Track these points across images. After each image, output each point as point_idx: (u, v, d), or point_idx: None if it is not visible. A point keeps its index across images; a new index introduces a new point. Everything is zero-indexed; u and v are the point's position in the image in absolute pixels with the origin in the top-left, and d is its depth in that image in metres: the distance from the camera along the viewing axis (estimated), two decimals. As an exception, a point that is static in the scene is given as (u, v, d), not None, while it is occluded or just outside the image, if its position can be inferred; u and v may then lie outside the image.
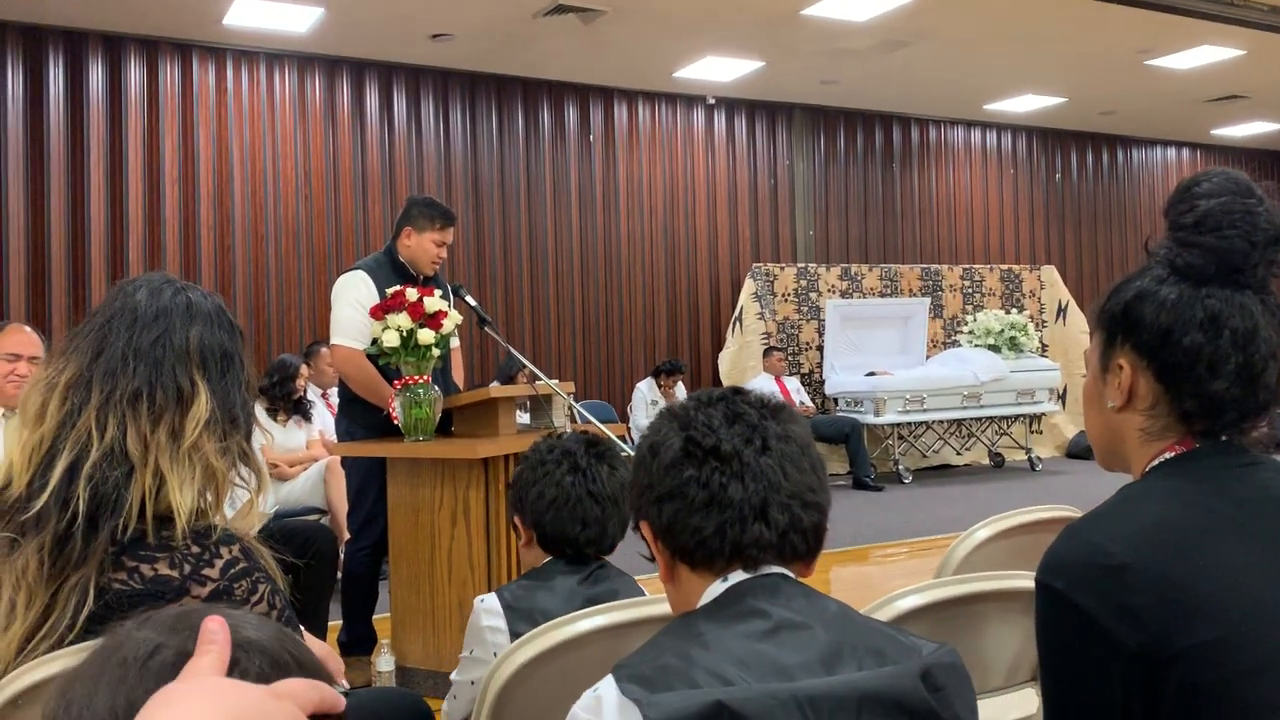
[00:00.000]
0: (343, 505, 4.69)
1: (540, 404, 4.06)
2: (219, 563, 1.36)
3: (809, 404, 9.49)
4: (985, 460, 10.27)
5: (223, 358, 1.46)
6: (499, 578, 3.56)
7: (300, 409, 5.67)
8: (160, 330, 1.43)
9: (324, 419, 5.90)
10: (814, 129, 10.62)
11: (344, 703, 0.66)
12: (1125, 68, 9.40)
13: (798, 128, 10.52)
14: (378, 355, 3.67)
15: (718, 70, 9.15)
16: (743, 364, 9.62)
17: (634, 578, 2.04)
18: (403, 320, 3.57)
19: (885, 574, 6.01)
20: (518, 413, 4.14)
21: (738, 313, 9.72)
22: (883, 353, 9.91)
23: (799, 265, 10.08)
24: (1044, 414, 10.25)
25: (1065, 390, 10.64)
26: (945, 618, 1.61)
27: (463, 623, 3.54)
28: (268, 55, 8.07)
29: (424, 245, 3.97)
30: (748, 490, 1.09)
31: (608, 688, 0.99)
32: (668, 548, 1.14)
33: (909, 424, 9.55)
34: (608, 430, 3.82)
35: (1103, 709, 1.06)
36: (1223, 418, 1.15)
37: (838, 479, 9.29)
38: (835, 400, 9.75)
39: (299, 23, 7.48)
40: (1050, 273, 11.21)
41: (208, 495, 1.39)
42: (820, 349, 9.93)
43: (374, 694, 2.43)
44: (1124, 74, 9.62)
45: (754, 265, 9.87)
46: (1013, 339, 9.92)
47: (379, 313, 3.63)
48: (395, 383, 3.68)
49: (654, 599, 1.60)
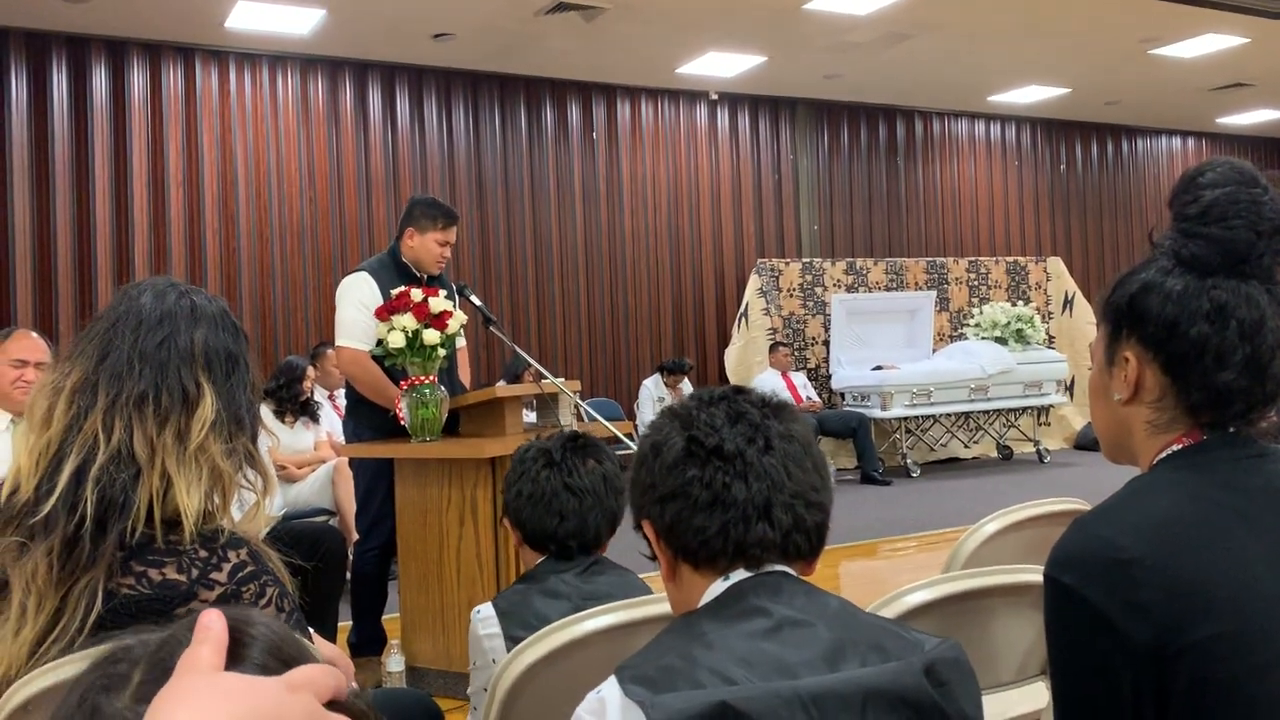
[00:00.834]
0: (351, 506, 4.70)
1: (547, 403, 4.06)
2: (227, 566, 1.36)
3: (816, 399, 9.48)
4: (993, 453, 10.25)
5: (228, 360, 1.47)
6: (507, 576, 3.56)
7: (307, 411, 5.67)
8: (165, 333, 1.43)
9: (331, 420, 5.91)
10: (817, 123, 10.60)
11: (347, 688, 0.63)
12: (1129, 57, 9.37)
13: (801, 122, 10.50)
14: (383, 356, 3.68)
15: (720, 65, 9.14)
16: (748, 360, 9.61)
17: (636, 574, 2.03)
18: (408, 321, 3.57)
19: (894, 568, 6.00)
20: (524, 412, 4.14)
21: (743, 308, 9.71)
22: (889, 346, 9.90)
23: (804, 260, 10.06)
24: (1052, 406, 10.22)
25: (1073, 382, 10.61)
26: (954, 612, 1.61)
27: (472, 622, 3.54)
28: (270, 58, 8.08)
29: (427, 245, 3.97)
30: (751, 490, 1.09)
31: (611, 689, 0.99)
32: (670, 547, 1.13)
33: (916, 418, 9.53)
34: (614, 428, 3.82)
35: (1112, 703, 1.06)
36: (1230, 409, 1.15)
37: (845, 473, 9.28)
38: (842, 395, 9.74)
39: (301, 25, 7.48)
40: (1056, 264, 11.18)
41: (215, 498, 1.39)
42: (826, 344, 9.91)
43: (384, 694, 2.43)
44: (1128, 63, 9.59)
45: (759, 261, 9.86)
46: (1019, 331, 9.89)
47: (384, 314, 3.63)
48: (401, 383, 3.68)
49: (658, 597, 1.60)
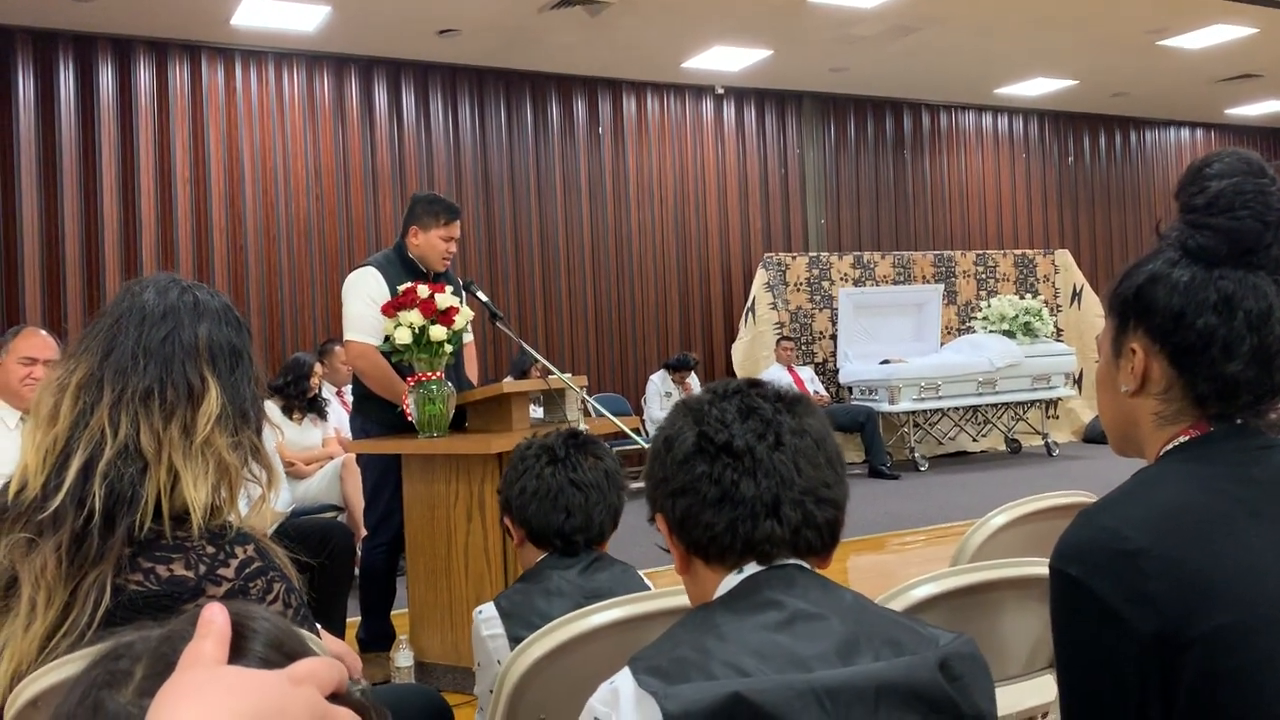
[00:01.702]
0: (359, 502, 4.71)
1: (554, 398, 4.06)
2: (234, 562, 1.37)
3: (823, 393, 9.47)
4: (1001, 446, 10.23)
5: (231, 354, 1.47)
6: (515, 571, 3.56)
7: (315, 407, 5.68)
8: (169, 328, 1.44)
9: (339, 417, 5.92)
10: (824, 117, 10.58)
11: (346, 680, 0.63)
12: (1136, 48, 9.33)
13: (807, 116, 10.48)
14: (390, 352, 3.68)
15: (726, 60, 9.13)
16: (755, 354, 9.61)
17: (637, 570, 2.03)
18: (415, 317, 3.57)
19: (902, 562, 6.00)
20: (531, 407, 4.14)
21: (750, 303, 9.70)
22: (897, 340, 9.88)
23: (811, 254, 10.05)
24: (1060, 399, 10.20)
25: (1081, 375, 10.58)
26: (962, 605, 1.61)
27: (480, 617, 3.55)
28: (276, 54, 8.09)
29: (431, 242, 3.97)
30: (759, 487, 1.09)
31: (624, 680, 0.99)
32: (682, 541, 1.14)
33: (924, 411, 9.52)
34: (621, 423, 3.83)
35: (1118, 695, 1.06)
36: (1237, 400, 1.14)
37: (853, 467, 9.27)
38: (850, 389, 9.73)
39: (306, 22, 7.49)
40: (1064, 257, 11.15)
41: (221, 491, 1.39)
42: (834, 338, 9.90)
43: (393, 690, 2.44)
44: (1135, 55, 9.55)
45: (766, 255, 9.85)
46: (1027, 324, 9.87)
47: (391, 310, 3.63)
48: (408, 379, 3.69)
49: (663, 592, 1.60)
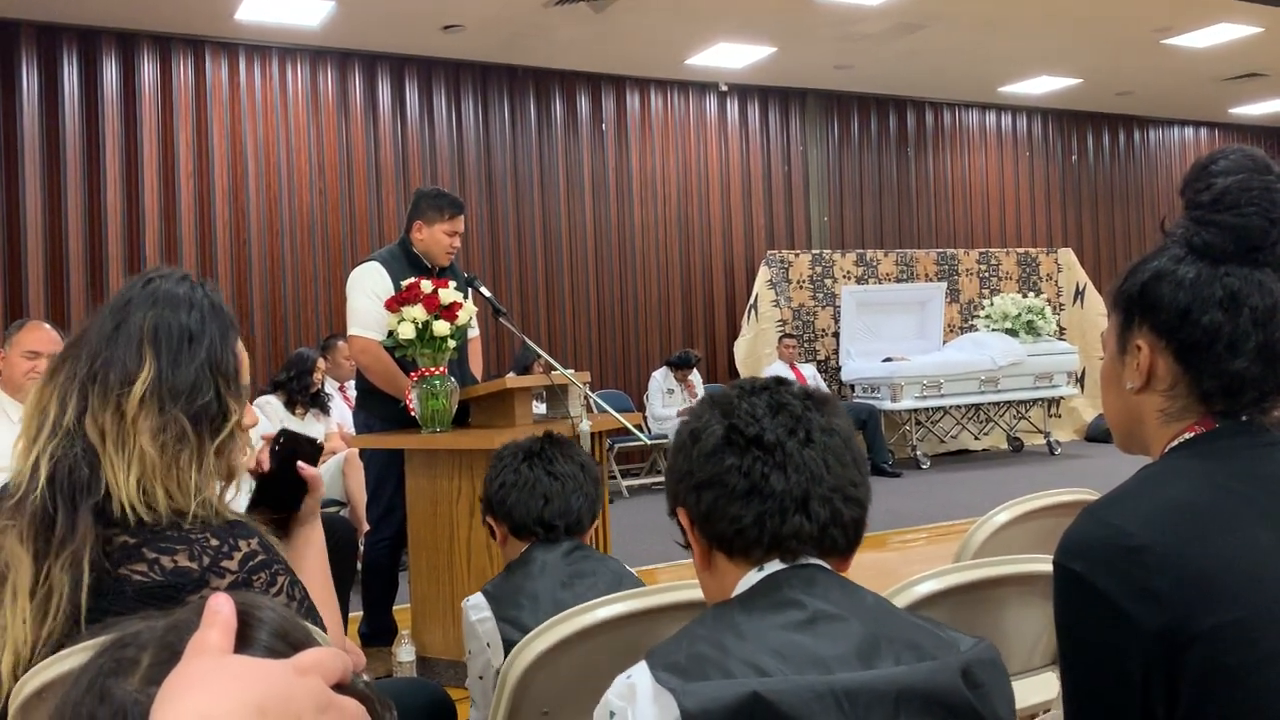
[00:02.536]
0: (362, 497, 4.72)
1: (556, 394, 4.06)
2: (238, 555, 1.37)
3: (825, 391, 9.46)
4: (1004, 445, 10.23)
5: (181, 335, 1.43)
6: (517, 567, 3.57)
7: (318, 402, 5.69)
8: (122, 317, 1.44)
9: (342, 412, 5.93)
10: (827, 114, 10.57)
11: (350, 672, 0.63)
12: (1141, 47, 9.32)
13: (811, 113, 10.47)
14: (394, 347, 3.68)
15: (730, 57, 9.12)
16: (758, 351, 9.61)
17: (624, 564, 2.09)
18: (418, 312, 3.58)
19: (904, 559, 6.00)
20: (534, 403, 4.14)
21: (753, 300, 9.70)
22: (899, 338, 9.88)
23: (814, 252, 10.05)
24: (1062, 398, 10.19)
25: (1084, 373, 10.58)
26: (964, 602, 1.61)
27: (482, 612, 3.55)
28: (280, 49, 8.09)
29: (436, 237, 3.97)
30: (789, 481, 1.08)
31: (641, 675, 0.98)
32: (705, 536, 1.12)
33: (926, 409, 9.52)
34: (624, 419, 3.83)
35: (1122, 692, 1.06)
36: (1243, 397, 1.14)
37: (855, 465, 9.26)
38: (852, 386, 9.73)
39: (311, 16, 7.49)
40: (1067, 255, 11.14)
41: (153, 480, 1.35)
42: (836, 335, 9.90)
43: (395, 684, 2.44)
44: (1140, 53, 9.54)
45: (769, 252, 9.85)
46: (1030, 322, 9.86)
47: (394, 305, 3.64)
48: (411, 375, 3.69)
49: (665, 586, 1.60)
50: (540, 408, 4.30)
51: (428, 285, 3.62)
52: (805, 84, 10.24)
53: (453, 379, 3.72)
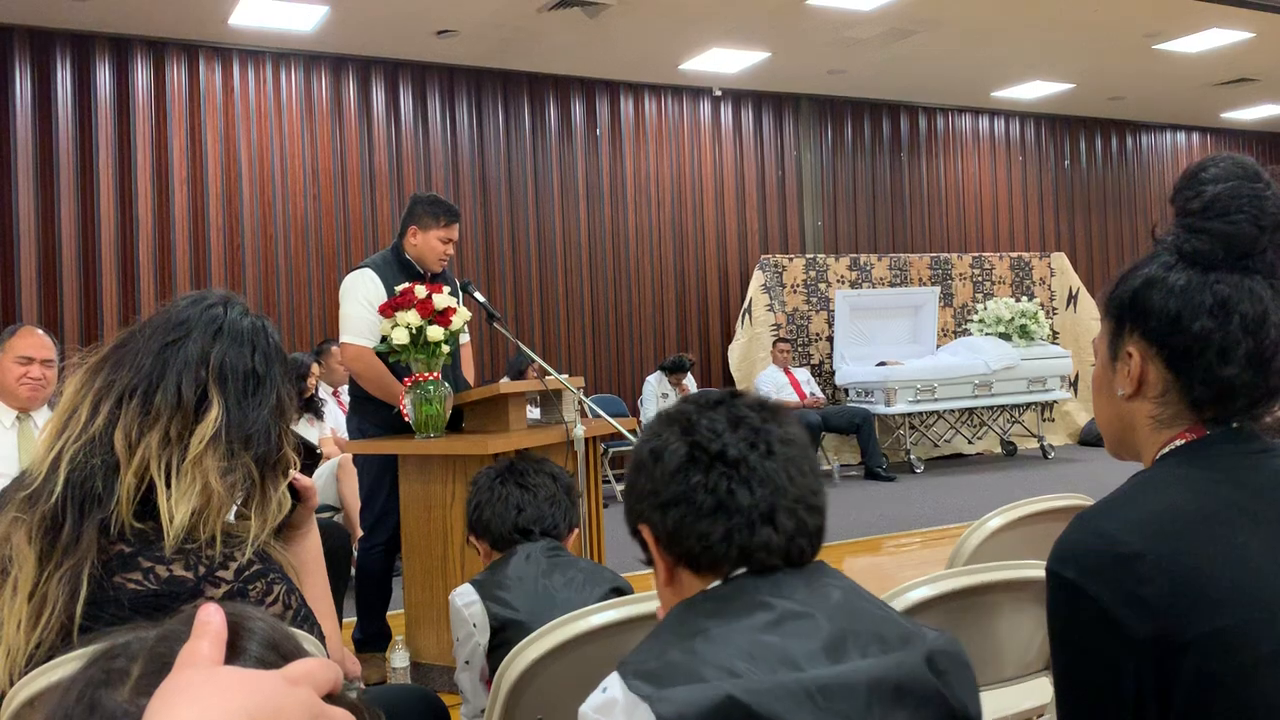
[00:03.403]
0: (355, 502, 4.71)
1: (550, 399, 4.06)
2: (234, 564, 1.37)
3: (819, 395, 9.47)
4: (997, 449, 10.25)
5: (247, 378, 1.44)
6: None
7: (312, 407, 5.68)
8: (177, 336, 1.42)
9: (336, 417, 5.92)
10: (821, 119, 10.59)
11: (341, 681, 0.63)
12: (1133, 52, 9.35)
13: (805, 118, 10.49)
14: (388, 353, 3.68)
15: (724, 62, 9.13)
16: (752, 356, 9.62)
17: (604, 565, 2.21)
18: (412, 317, 3.57)
19: (898, 564, 6.00)
20: (528, 408, 4.14)
21: (747, 305, 9.71)
22: (893, 342, 9.90)
23: (808, 256, 10.06)
24: (1056, 402, 10.21)
25: (1077, 378, 10.60)
26: (958, 608, 1.61)
27: (476, 618, 3.55)
28: (274, 54, 8.08)
29: (430, 243, 3.98)
30: (755, 495, 1.08)
31: (615, 686, 0.99)
32: (670, 553, 1.12)
33: (920, 414, 9.53)
34: (618, 424, 3.83)
35: (1115, 698, 1.06)
36: (1234, 404, 1.15)
37: (849, 470, 9.29)
38: (846, 391, 9.74)
39: (304, 21, 7.49)
40: (1060, 260, 11.17)
41: (206, 515, 1.36)
42: (830, 340, 9.91)
43: (389, 690, 2.44)
44: (1132, 59, 9.57)
45: (762, 257, 9.86)
46: (1023, 327, 9.88)
47: (388, 310, 3.63)
48: (405, 380, 3.69)
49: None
50: (534, 413, 4.30)
51: (422, 290, 3.62)
52: (799, 89, 10.26)
53: (446, 384, 3.72)
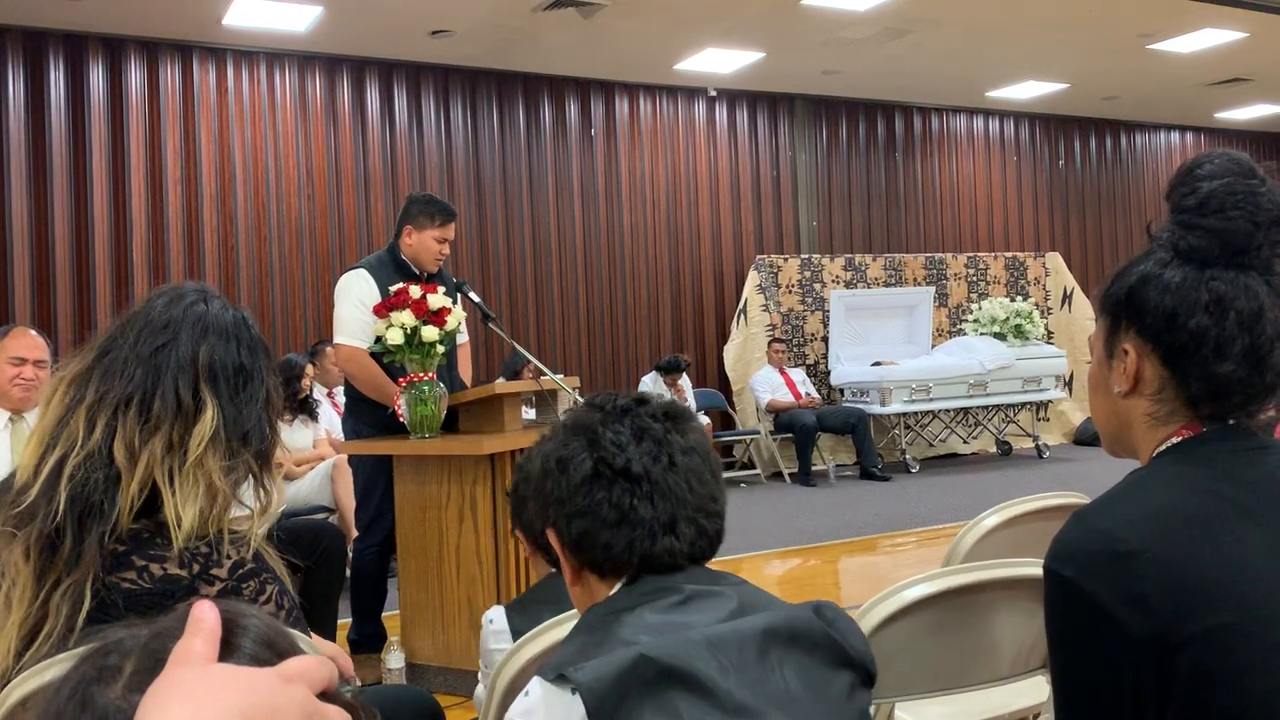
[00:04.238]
0: (350, 503, 4.70)
1: (546, 399, 4.06)
2: (227, 563, 1.36)
3: (815, 395, 9.48)
4: (992, 449, 10.26)
5: (237, 374, 1.44)
6: (507, 573, 3.56)
7: (306, 408, 5.67)
8: (166, 339, 1.41)
9: (330, 418, 5.91)
10: (816, 119, 10.60)
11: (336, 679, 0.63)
12: (1127, 52, 9.36)
13: (799, 118, 10.50)
14: (382, 353, 3.68)
15: (719, 62, 9.13)
16: (747, 356, 9.62)
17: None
18: (406, 318, 3.57)
19: (894, 563, 6.00)
20: (524, 409, 4.14)
21: (742, 305, 9.71)
22: (888, 342, 9.91)
23: (803, 256, 10.06)
24: (1051, 401, 10.23)
25: (1072, 377, 10.61)
26: (954, 606, 1.61)
27: (472, 618, 3.55)
28: (268, 55, 8.07)
29: (425, 243, 3.97)
30: (657, 509, 1.14)
31: (535, 685, 1.03)
32: (576, 558, 1.17)
33: (915, 413, 9.54)
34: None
35: (1112, 696, 1.06)
36: (1229, 400, 1.14)
37: (845, 469, 9.29)
38: (841, 391, 9.74)
39: (298, 22, 7.47)
40: (1055, 259, 11.19)
41: (210, 513, 1.37)
42: (825, 340, 9.92)
43: (385, 691, 2.43)
44: (1126, 59, 9.58)
45: (758, 257, 9.86)
46: (1018, 326, 9.90)
47: (383, 311, 3.63)
48: (400, 380, 3.68)
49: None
50: (529, 413, 4.30)
51: (416, 291, 3.61)
52: (793, 89, 10.26)
53: (441, 385, 3.71)
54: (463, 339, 4.14)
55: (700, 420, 1.26)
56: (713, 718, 0.98)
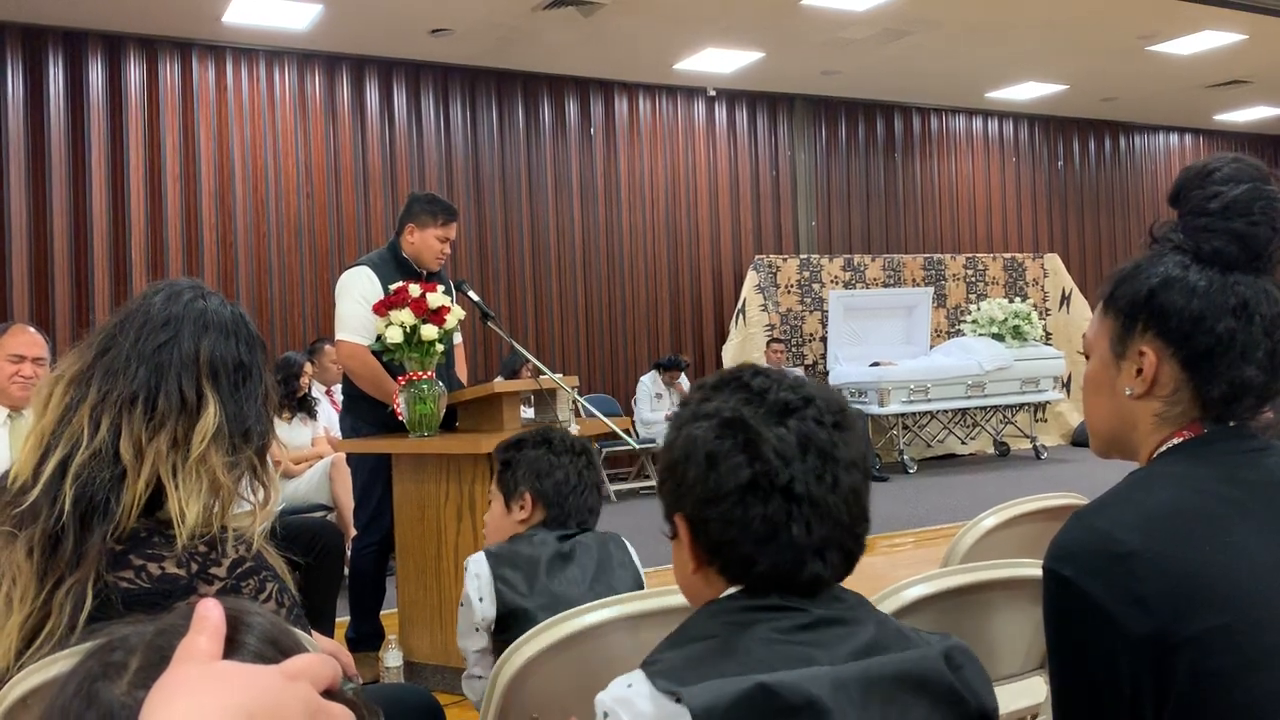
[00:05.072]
0: (349, 502, 4.70)
1: (544, 398, 4.06)
2: (226, 561, 1.36)
3: (813, 395, 9.46)
4: (990, 449, 10.26)
5: (237, 370, 1.44)
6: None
7: (305, 406, 5.67)
8: (168, 336, 1.41)
9: (329, 416, 5.90)
10: (815, 119, 10.60)
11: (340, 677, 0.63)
12: (1127, 54, 9.37)
13: (799, 118, 10.50)
14: (381, 351, 3.68)
15: (718, 61, 9.14)
16: (746, 356, 9.61)
17: (621, 537, 2.22)
18: (406, 316, 3.57)
19: (892, 564, 6.00)
20: (522, 407, 4.14)
21: (740, 305, 9.72)
22: (886, 343, 9.91)
23: (801, 256, 10.07)
24: (1049, 402, 10.23)
25: (1070, 378, 10.62)
26: (952, 607, 1.61)
27: (470, 617, 3.54)
28: (267, 53, 8.06)
29: (427, 241, 3.97)
30: (812, 534, 1.03)
31: (639, 682, 0.97)
32: (706, 553, 1.07)
33: (913, 414, 9.54)
34: (612, 423, 3.83)
35: (1111, 696, 1.06)
36: (1243, 403, 1.15)
37: (843, 470, 9.27)
38: (839, 391, 9.73)
39: (298, 20, 7.47)
40: (1053, 261, 11.19)
41: (214, 508, 1.37)
42: (824, 340, 9.92)
43: (383, 690, 2.43)
44: (1125, 60, 9.59)
45: (756, 257, 9.86)
46: (1016, 328, 9.90)
47: (382, 309, 3.63)
48: (399, 379, 3.68)
49: (656, 591, 1.60)
50: (528, 412, 4.30)
51: (415, 289, 3.61)
52: (793, 89, 10.26)
53: (440, 383, 3.71)
54: (458, 339, 4.14)
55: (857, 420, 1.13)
56: None
